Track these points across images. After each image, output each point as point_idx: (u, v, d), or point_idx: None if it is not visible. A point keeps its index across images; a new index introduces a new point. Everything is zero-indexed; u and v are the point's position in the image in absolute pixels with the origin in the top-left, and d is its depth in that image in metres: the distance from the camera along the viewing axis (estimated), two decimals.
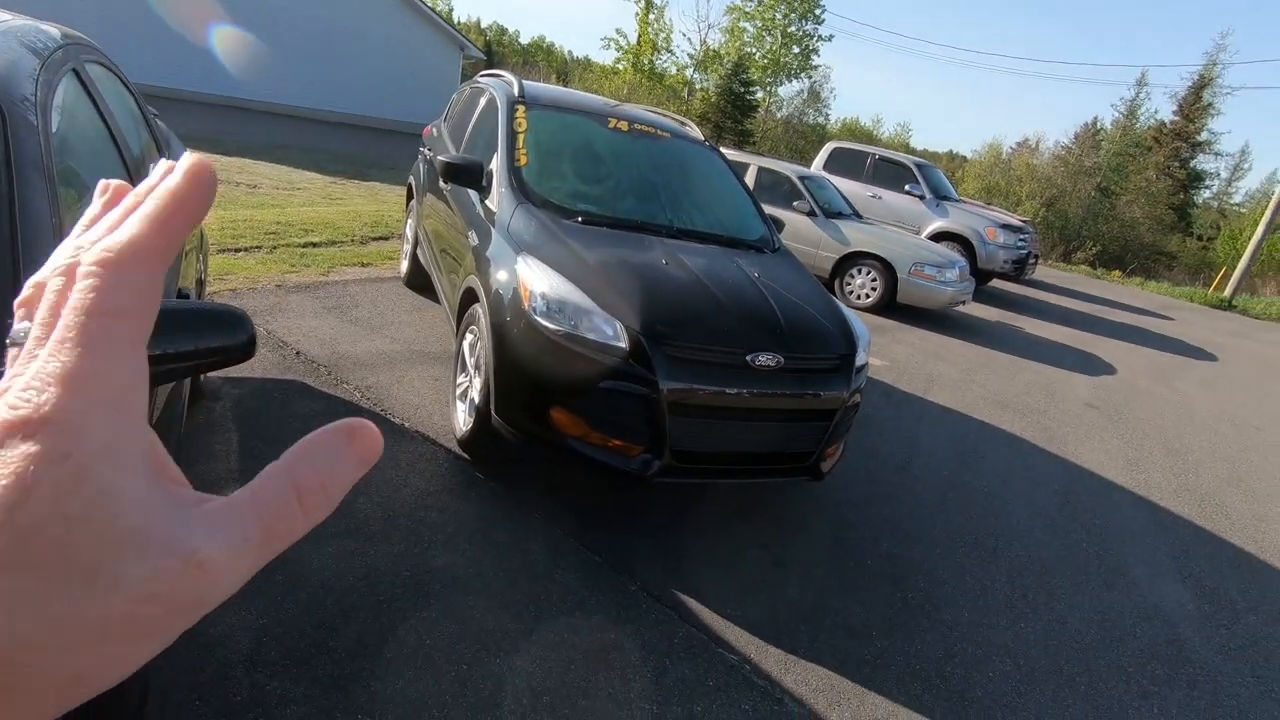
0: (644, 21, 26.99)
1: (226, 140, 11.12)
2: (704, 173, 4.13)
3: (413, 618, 2.24)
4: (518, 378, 2.78)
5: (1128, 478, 4.82)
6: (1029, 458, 4.80)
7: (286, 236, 6.34)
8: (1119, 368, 8.11)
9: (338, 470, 0.26)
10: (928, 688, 2.47)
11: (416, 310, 4.95)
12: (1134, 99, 27.57)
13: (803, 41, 28.08)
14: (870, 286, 8.14)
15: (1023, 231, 11.23)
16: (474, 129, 4.19)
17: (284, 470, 0.25)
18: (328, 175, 10.50)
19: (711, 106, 25.37)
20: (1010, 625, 2.92)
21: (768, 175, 8.69)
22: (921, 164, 11.56)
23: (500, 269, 2.96)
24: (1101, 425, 5.83)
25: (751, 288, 3.08)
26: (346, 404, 3.45)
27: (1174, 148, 26.32)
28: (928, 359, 6.72)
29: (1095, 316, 11.60)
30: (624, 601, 2.54)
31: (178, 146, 3.09)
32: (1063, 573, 3.42)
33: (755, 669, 2.38)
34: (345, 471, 0.26)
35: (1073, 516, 4.05)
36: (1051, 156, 27.16)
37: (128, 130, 2.19)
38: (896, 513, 3.63)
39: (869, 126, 41.56)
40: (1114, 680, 2.74)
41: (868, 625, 2.72)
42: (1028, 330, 9.21)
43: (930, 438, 4.75)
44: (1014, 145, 30.29)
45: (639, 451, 2.68)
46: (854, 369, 3.03)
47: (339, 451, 0.26)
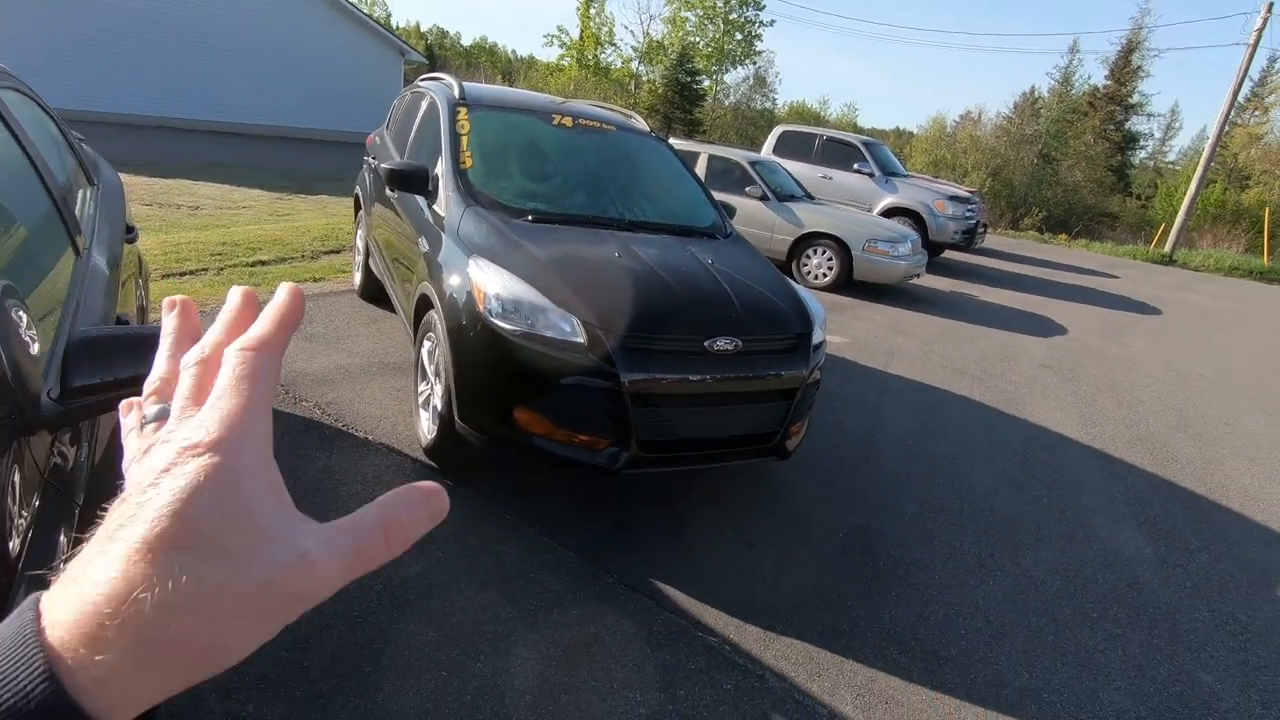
0: (585, 16, 26.87)
1: (164, 162, 10.79)
2: (652, 163, 4.15)
3: (389, 629, 2.22)
4: (478, 381, 2.76)
5: (1083, 432, 4.98)
6: (989, 421, 4.93)
7: (234, 256, 6.19)
8: (1070, 328, 8.36)
9: (415, 518, 0.33)
10: (903, 651, 2.53)
11: (374, 322, 4.88)
12: (1068, 66, 28.39)
13: (745, 28, 28.26)
14: (827, 266, 8.25)
15: (970, 202, 11.49)
16: (417, 134, 4.14)
17: (377, 509, 0.32)
18: (273, 191, 10.26)
19: (659, 98, 25.39)
20: (979, 584, 3.01)
21: (719, 162, 8.74)
22: (868, 142, 11.74)
23: (453, 273, 2.94)
24: (1056, 384, 6.02)
25: (705, 274, 3.11)
26: (306, 421, 3.39)
27: (1108, 111, 27.16)
28: (887, 333, 6.85)
29: (1045, 280, 11.94)
30: (601, 595, 2.56)
31: (107, 171, 3.00)
32: (1026, 529, 3.53)
33: (735, 649, 2.41)
34: (420, 521, 0.33)
35: (1033, 474, 4.18)
36: (994, 127, 27.80)
37: (49, 155, 2.11)
38: (864, 484, 3.70)
39: (816, 109, 42.03)
40: (1079, 627, 2.84)
41: (842, 596, 2.78)
42: (982, 298, 9.44)
43: (893, 409, 4.85)
44: (957, 118, 30.94)
45: (605, 445, 2.69)
46: (811, 347, 3.07)
47: (417, 504, 0.33)
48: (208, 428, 0.29)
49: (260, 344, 0.33)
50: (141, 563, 0.26)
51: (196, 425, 0.30)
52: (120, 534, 0.27)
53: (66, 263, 1.87)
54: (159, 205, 8.41)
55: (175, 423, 0.31)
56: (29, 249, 1.73)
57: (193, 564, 0.27)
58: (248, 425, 0.30)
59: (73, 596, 0.27)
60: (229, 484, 0.28)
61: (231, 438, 0.29)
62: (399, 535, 0.32)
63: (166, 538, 0.27)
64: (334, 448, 3.22)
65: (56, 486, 1.21)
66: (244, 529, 0.28)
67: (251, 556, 0.28)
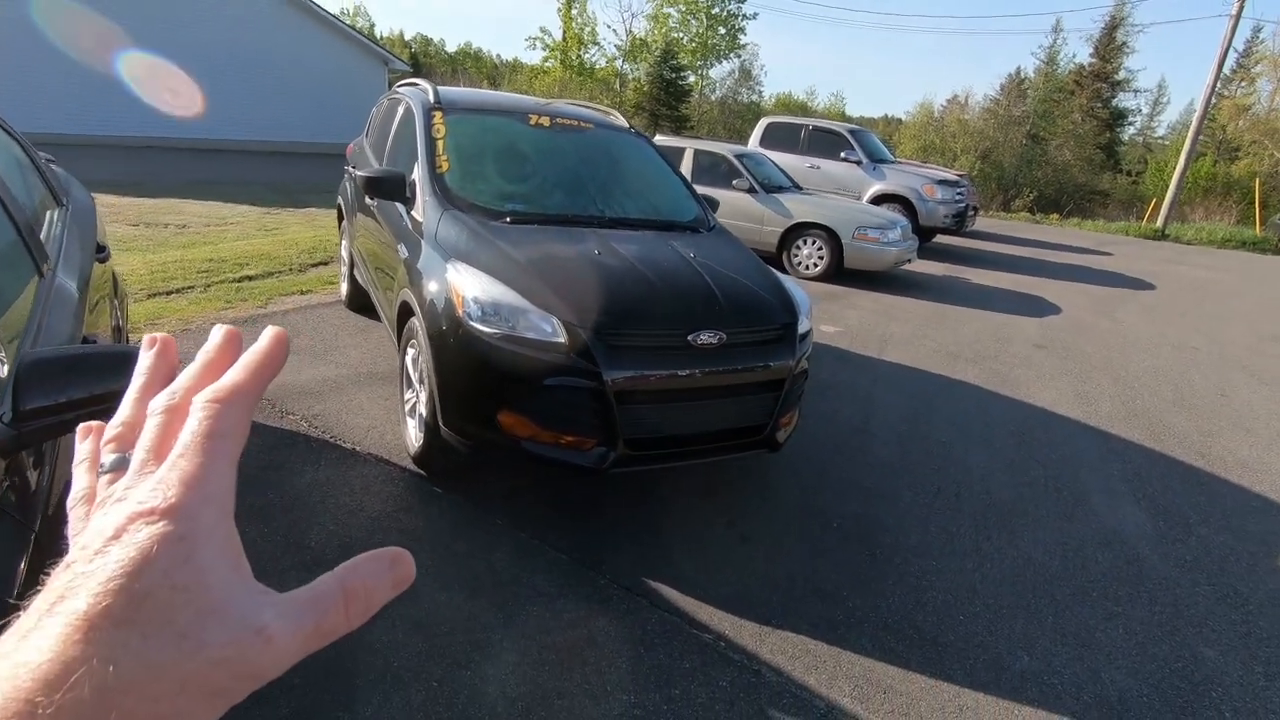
0: (567, 17, 26.82)
1: (152, 182, 10.76)
2: (632, 160, 4.11)
3: (377, 642, 2.19)
4: (461, 386, 2.73)
5: (1079, 410, 4.96)
6: (984, 404, 4.91)
7: (220, 273, 6.16)
8: (1064, 306, 8.34)
9: (378, 586, 0.31)
10: (901, 639, 2.51)
11: (361, 332, 4.85)
12: (1052, 45, 28.33)
13: (728, 22, 28.21)
14: (818, 256, 8.23)
15: (959, 185, 11.46)
16: (394, 141, 4.10)
17: (337, 579, 0.30)
18: (261, 206, 10.23)
19: (645, 95, 25.35)
20: (977, 568, 2.99)
21: (705, 157, 8.72)
22: (855, 130, 11.71)
23: (431, 279, 2.91)
24: (1051, 364, 5.99)
25: (687, 268, 3.08)
26: (293, 434, 3.36)
27: (1095, 89, 27.12)
28: (880, 320, 6.82)
29: (1038, 260, 11.91)
30: (594, 596, 2.53)
31: (79, 191, 2.97)
32: (1024, 510, 3.50)
33: (730, 644, 2.39)
34: (383, 589, 0.31)
35: (1029, 455, 4.15)
36: (981, 110, 27.76)
37: (10, 177, 2.08)
38: (858, 473, 3.67)
39: (803, 100, 42.02)
40: (1079, 606, 2.81)
41: (838, 587, 2.75)
42: (974, 281, 9.42)
43: (887, 396, 4.82)
44: (945, 103, 30.88)
45: (592, 445, 2.67)
46: (798, 336, 3.05)
47: (381, 571, 0.31)
48: (164, 491, 0.28)
49: (230, 394, 0.31)
50: (81, 642, 0.24)
51: (153, 488, 0.28)
52: (60, 607, 0.25)
53: (30, 285, 1.84)
54: (146, 225, 8.38)
55: (133, 478, 0.29)
56: None
57: (138, 642, 0.25)
58: (208, 488, 0.28)
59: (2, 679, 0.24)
60: (183, 553, 0.27)
61: (189, 503, 0.28)
62: (360, 606, 0.30)
63: (110, 614, 0.25)
64: (321, 460, 3.19)
65: (12, 514, 1.19)
66: (197, 602, 0.26)
67: (203, 632, 0.26)
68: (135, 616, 0.25)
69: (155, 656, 0.25)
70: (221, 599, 0.27)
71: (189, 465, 0.28)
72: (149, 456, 0.30)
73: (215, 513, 0.28)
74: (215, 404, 0.30)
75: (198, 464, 0.29)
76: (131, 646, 0.25)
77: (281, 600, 0.29)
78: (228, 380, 0.31)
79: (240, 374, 0.32)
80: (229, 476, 0.30)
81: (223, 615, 0.27)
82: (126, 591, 0.25)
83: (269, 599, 0.29)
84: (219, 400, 0.30)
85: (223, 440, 0.30)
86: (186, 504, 0.27)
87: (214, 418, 0.30)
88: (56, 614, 0.25)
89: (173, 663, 0.25)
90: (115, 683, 0.24)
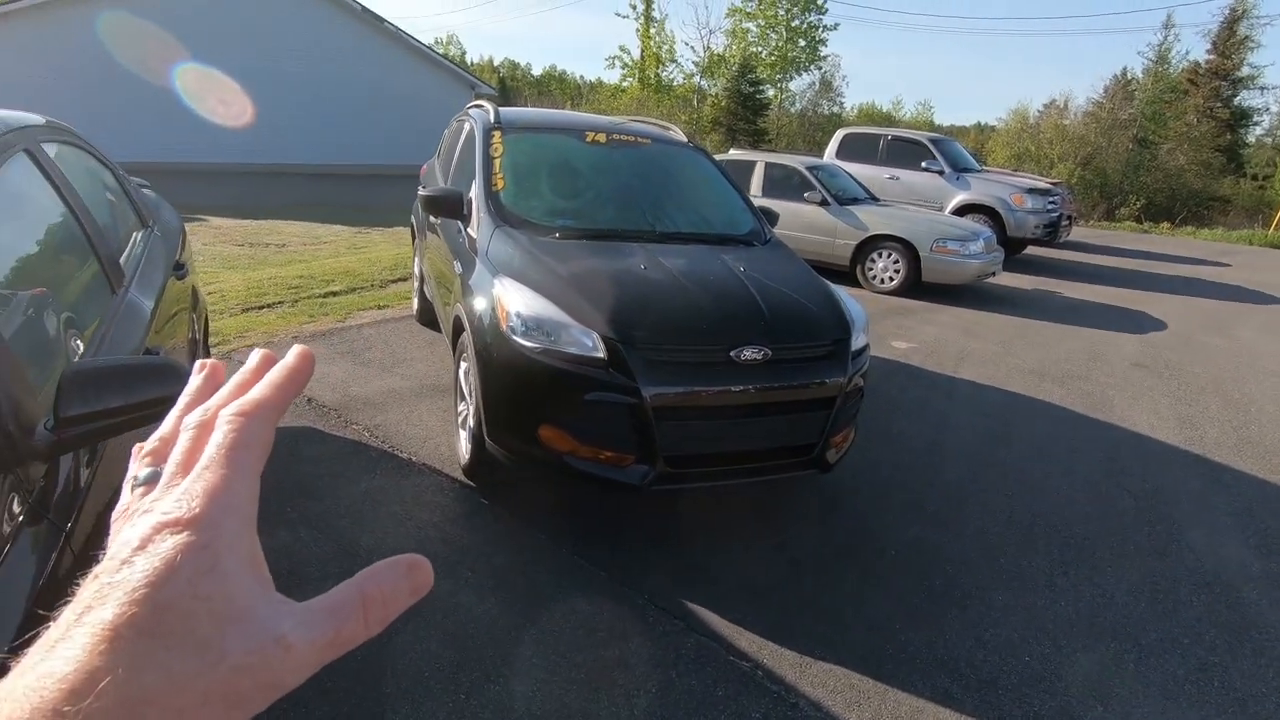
0: (645, 36, 27.19)
1: (256, 205, 11.60)
2: (688, 174, 4.09)
3: (411, 650, 2.23)
4: (504, 399, 2.77)
5: (1181, 436, 4.53)
6: (1069, 427, 4.56)
7: (308, 289, 6.53)
8: (1170, 322, 7.68)
9: (396, 593, 0.31)
10: (956, 679, 2.33)
11: (429, 345, 5.02)
12: (1163, 43, 26.36)
13: (808, 34, 27.84)
14: (893, 269, 7.92)
15: (1052, 194, 10.79)
16: (457, 160, 4.24)
17: (356, 587, 0.31)
18: (353, 226, 10.84)
19: (722, 110, 25.32)
20: (1048, 605, 2.75)
21: (776, 170, 8.59)
22: (936, 138, 11.26)
23: (480, 294, 2.97)
24: (1151, 384, 5.51)
25: (734, 282, 3.01)
26: (354, 444, 3.50)
27: (1213, 87, 25.03)
28: (959, 336, 6.48)
29: (1142, 272, 11.05)
30: (630, 616, 2.48)
31: (168, 213, 3.21)
32: (1107, 544, 3.21)
33: (768, 674, 2.29)
34: (400, 596, 0.31)
35: (1118, 484, 3.81)
36: (1082, 114, 26.13)
37: (96, 204, 2.27)
38: (922, 496, 3.47)
39: (888, 109, 40.85)
40: (1167, 654, 2.54)
41: (890, 618, 2.60)
42: (1068, 295, 8.82)
43: (960, 416, 4.56)
44: (1041, 108, 29.27)
45: (631, 461, 2.64)
46: (850, 353, 2.92)
47: (398, 579, 0.32)
48: (188, 502, 0.28)
49: (254, 409, 0.32)
50: (106, 652, 0.25)
51: (177, 499, 0.29)
52: (87, 617, 0.26)
53: (101, 300, 1.99)
54: (250, 245, 9.03)
55: (161, 490, 0.30)
56: (64, 289, 1.86)
57: (162, 653, 0.25)
58: (230, 499, 0.29)
59: (29, 690, 0.24)
60: (207, 563, 0.27)
61: (212, 513, 0.28)
62: (378, 613, 0.30)
63: (135, 624, 0.25)
64: (378, 469, 3.30)
65: (48, 516, 1.27)
66: (219, 612, 0.27)
67: (225, 642, 0.26)
68: (159, 627, 0.25)
69: (179, 666, 0.25)
70: (243, 608, 0.27)
71: (212, 477, 0.29)
72: (177, 470, 0.31)
73: (238, 522, 0.29)
74: (239, 417, 0.31)
75: (220, 475, 0.29)
76: (156, 657, 0.25)
77: (300, 609, 0.29)
78: (252, 395, 0.33)
79: (264, 389, 0.33)
80: (251, 487, 0.30)
81: (245, 624, 0.27)
82: (151, 601, 0.26)
83: (288, 608, 0.29)
84: (242, 414, 0.32)
85: (245, 452, 0.31)
86: (209, 514, 0.28)
87: (237, 430, 0.31)
88: (84, 624, 0.25)
89: (196, 672, 0.26)
90: (139, 693, 0.24)
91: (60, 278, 1.85)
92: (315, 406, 3.84)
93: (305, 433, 3.58)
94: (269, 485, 0.29)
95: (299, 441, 3.47)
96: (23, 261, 1.70)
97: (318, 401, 3.90)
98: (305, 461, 3.30)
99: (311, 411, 3.78)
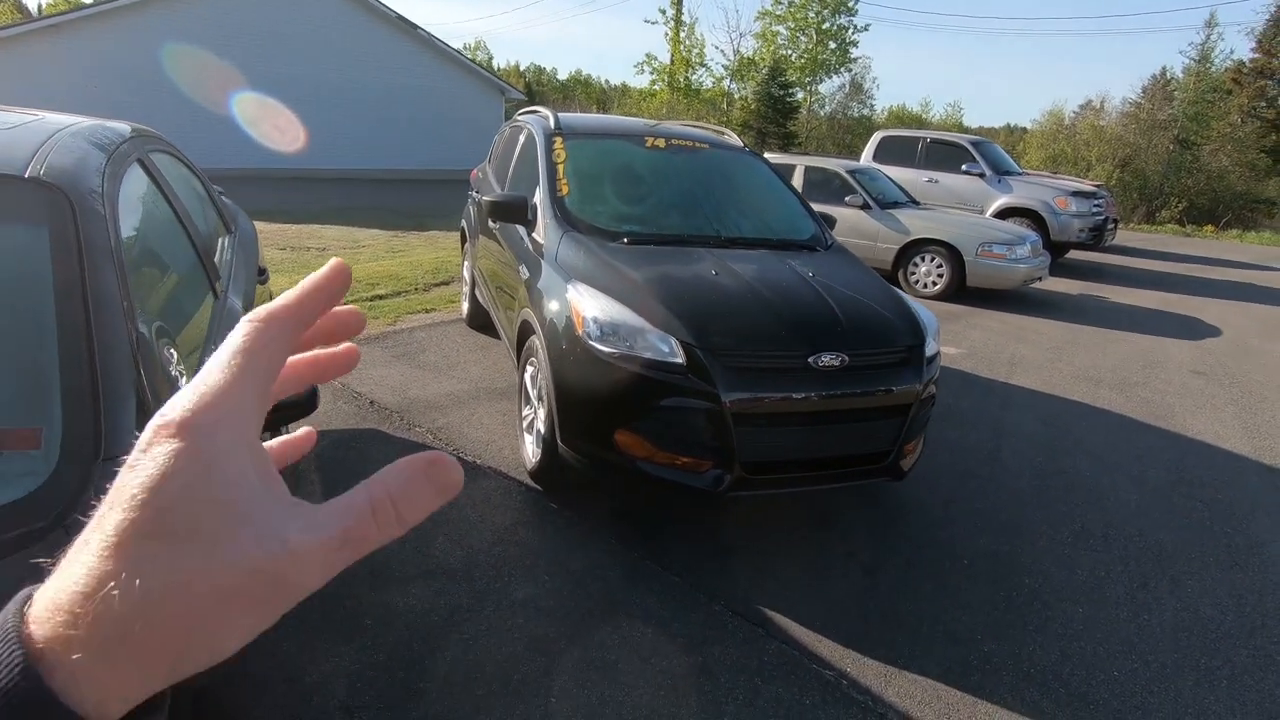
0: (675, 40, 27.21)
1: (295, 209, 11.78)
2: (746, 179, 4.08)
3: (497, 654, 2.24)
4: (579, 404, 2.78)
5: (1249, 446, 4.41)
6: (1132, 435, 4.46)
7: (355, 292, 6.62)
8: (1224, 329, 7.49)
9: (410, 493, 0.30)
10: (1045, 692, 2.29)
11: (481, 349, 5.06)
12: (1205, 41, 25.80)
13: (839, 36, 27.66)
14: (936, 274, 7.83)
15: (1096, 197, 10.60)
16: (516, 166, 4.28)
17: (365, 487, 0.30)
18: (390, 230, 10.96)
19: (752, 114, 25.23)
20: (1132, 618, 2.69)
21: (816, 174, 8.54)
22: (977, 141, 11.12)
23: (552, 299, 2.99)
24: (1211, 392, 5.38)
25: (806, 288, 3.00)
26: (420, 446, 3.53)
27: (1258, 87, 24.40)
28: (1008, 341, 6.38)
29: (1190, 277, 10.80)
30: (708, 622, 2.48)
31: (244, 220, 3.28)
32: (1186, 556, 3.14)
33: (853, 684, 2.26)
34: (419, 497, 0.30)
35: (1190, 494, 3.73)
36: (1120, 115, 25.63)
37: (193, 210, 2.33)
38: (990, 505, 3.42)
39: (917, 111, 40.43)
40: (1262, 673, 2.47)
41: (972, 629, 2.56)
42: (1116, 300, 8.65)
43: (1019, 423, 4.49)
44: (1077, 109, 28.77)
45: (708, 467, 2.63)
46: (925, 360, 2.89)
47: (414, 477, 0.30)
48: (184, 405, 0.28)
49: (269, 315, 0.31)
50: (111, 556, 0.25)
51: (174, 402, 0.28)
52: (101, 523, 0.26)
53: (207, 305, 2.04)
54: (291, 249, 9.18)
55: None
56: (177, 294, 1.91)
57: (165, 553, 0.26)
58: (229, 403, 0.28)
59: (53, 592, 0.26)
60: (200, 467, 0.27)
61: (206, 418, 0.28)
62: (388, 513, 0.29)
63: (136, 526, 0.26)
64: None
65: None
66: (221, 514, 0.27)
67: (232, 542, 0.26)
68: (160, 530, 0.26)
69: (185, 565, 0.26)
70: (247, 510, 0.27)
71: (212, 381, 0.29)
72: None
73: (236, 426, 0.28)
74: (253, 323, 0.31)
75: (221, 380, 0.29)
76: (160, 559, 0.25)
77: (311, 511, 0.29)
78: (275, 302, 0.32)
79: (288, 296, 0.32)
80: (253, 391, 0.29)
81: (247, 526, 0.27)
82: (150, 506, 0.26)
83: (298, 511, 0.29)
84: (257, 319, 0.31)
85: (251, 357, 0.30)
86: (203, 419, 0.27)
87: (248, 335, 0.30)
88: (98, 529, 0.26)
89: (202, 573, 0.26)
90: (145, 594, 0.25)
91: (176, 284, 1.90)
92: (378, 409, 3.89)
93: (371, 434, 3.63)
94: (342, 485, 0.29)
95: (366, 443, 3.52)
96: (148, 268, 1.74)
97: (380, 404, 3.95)
98: (373, 463, 3.32)
99: (375, 414, 3.83)
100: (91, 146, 1.64)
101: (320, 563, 0.28)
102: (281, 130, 15.18)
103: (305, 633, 2.25)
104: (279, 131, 15.16)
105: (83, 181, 1.46)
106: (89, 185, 1.48)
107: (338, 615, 2.34)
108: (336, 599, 2.41)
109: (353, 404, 3.94)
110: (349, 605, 2.39)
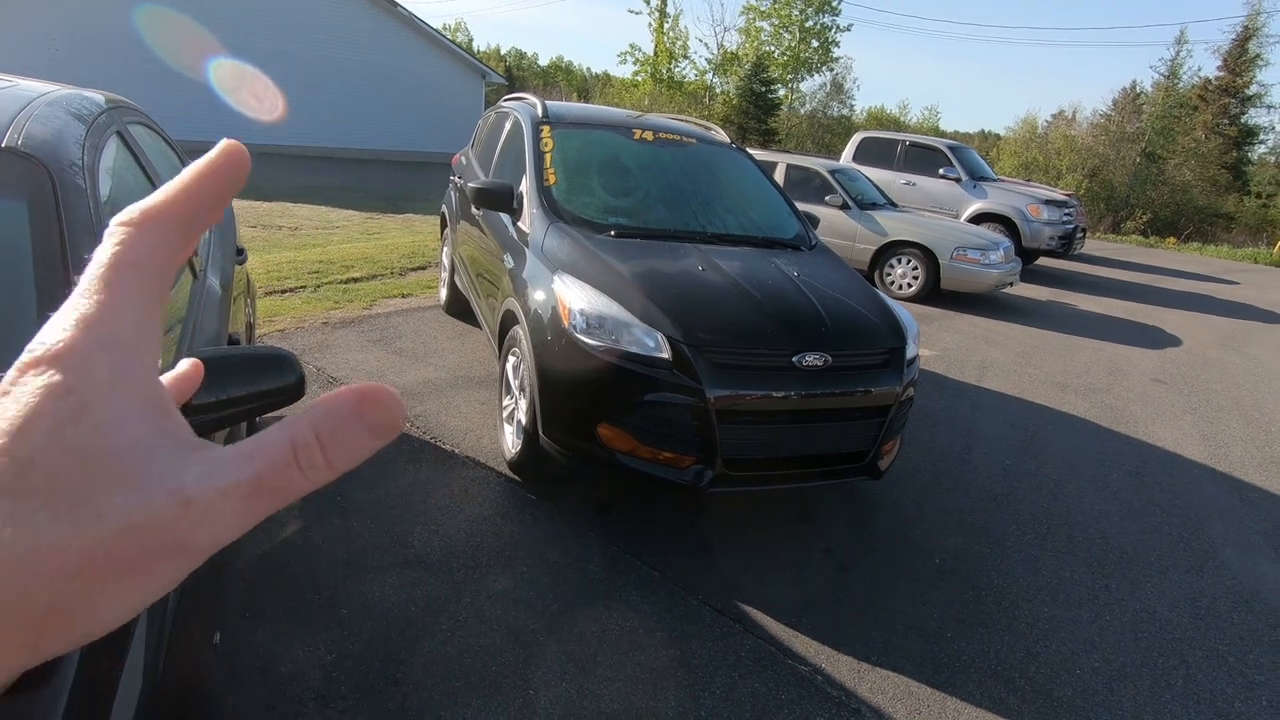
0: (659, 32, 27.09)
1: (266, 186, 11.50)
2: (733, 175, 4.09)
3: (475, 645, 2.23)
4: (563, 396, 2.77)
5: (1206, 454, 4.57)
6: (1096, 440, 4.59)
7: (329, 274, 6.50)
8: (1184, 338, 7.74)
9: (339, 433, 0.25)
10: (1012, 689, 2.35)
11: (459, 336, 5.01)
12: (1174, 58, 26.47)
13: (821, 34, 27.78)
14: (911, 276, 7.95)
15: (1067, 205, 10.85)
16: (501, 153, 4.23)
17: (286, 424, 0.25)
18: (364, 211, 10.77)
19: (733, 108, 25.27)
20: (1094, 618, 2.78)
21: (797, 172, 8.58)
22: (955, 146, 11.28)
23: (537, 289, 2.97)
24: (1171, 400, 5.56)
25: (792, 287, 3.02)
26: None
27: (1222, 104, 25.18)
28: (979, 345, 6.51)
29: (1153, 287, 11.12)
30: (686, 616, 2.50)
31: None
32: (1145, 559, 3.24)
33: (828, 679, 2.30)
34: (350, 437, 0.25)
35: (1150, 499, 3.85)
36: (1091, 126, 26.21)
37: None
38: (961, 506, 3.50)
39: (895, 113, 40.89)
40: (1214, 671, 2.57)
41: (941, 627, 2.62)
42: (1082, 307, 8.87)
43: (989, 426, 4.58)
44: (1050, 118, 29.33)
45: (690, 463, 2.64)
46: (905, 362, 2.93)
47: (343, 415, 0.25)
48: (53, 336, 0.23)
49: (144, 217, 0.26)
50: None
51: (42, 333, 0.24)
52: None
53: (185, 283, 1.98)
54: (263, 227, 8.96)
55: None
56: None
57: (24, 512, 0.22)
58: (106, 331, 0.24)
59: None
60: (71, 409, 0.23)
61: (80, 350, 0.23)
62: (314, 455, 0.24)
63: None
64: (422, 460, 3.29)
65: None
66: (93, 464, 0.23)
67: (105, 499, 0.22)
68: (19, 485, 0.22)
69: (45, 529, 0.22)
70: (128, 460, 0.23)
71: (84, 302, 0.24)
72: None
73: (117, 358, 0.24)
74: (126, 227, 0.25)
75: (94, 302, 0.24)
76: (19, 517, 0.22)
77: (215, 456, 0.24)
78: (150, 200, 0.26)
79: (163, 192, 0.26)
80: (138, 314, 0.25)
81: (130, 477, 0.23)
82: (9, 456, 0.22)
83: (200, 455, 0.24)
84: (131, 224, 0.25)
85: (132, 272, 0.25)
86: (75, 351, 0.23)
87: (122, 245, 0.25)
88: None
89: (68, 534, 0.22)
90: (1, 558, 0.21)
91: None
92: None
93: None
94: None
95: None
96: None
97: None
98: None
99: None
100: (70, 117, 1.58)
101: (229, 513, 0.24)
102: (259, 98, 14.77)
103: (279, 622, 2.22)
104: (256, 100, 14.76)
105: (63, 153, 1.40)
106: (69, 157, 1.42)
107: (313, 605, 2.31)
108: (312, 588, 2.37)
109: (327, 389, 3.86)
110: (324, 595, 2.36)
